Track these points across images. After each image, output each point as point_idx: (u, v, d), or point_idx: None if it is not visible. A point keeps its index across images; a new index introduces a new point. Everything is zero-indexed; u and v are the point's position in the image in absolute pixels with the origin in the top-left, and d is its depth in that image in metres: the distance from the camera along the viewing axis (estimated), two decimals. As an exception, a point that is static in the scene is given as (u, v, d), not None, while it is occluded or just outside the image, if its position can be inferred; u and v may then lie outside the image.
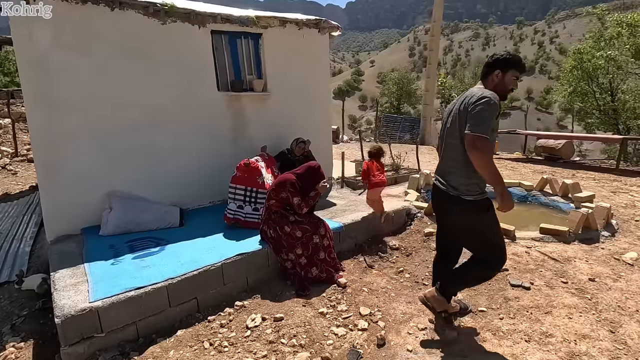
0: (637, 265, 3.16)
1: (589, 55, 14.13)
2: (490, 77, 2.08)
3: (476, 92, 1.96)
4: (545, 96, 75.13)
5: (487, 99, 1.89)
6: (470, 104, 1.93)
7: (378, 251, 3.72)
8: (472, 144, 1.88)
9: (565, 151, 10.14)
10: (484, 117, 1.89)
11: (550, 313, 2.53)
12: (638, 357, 2.07)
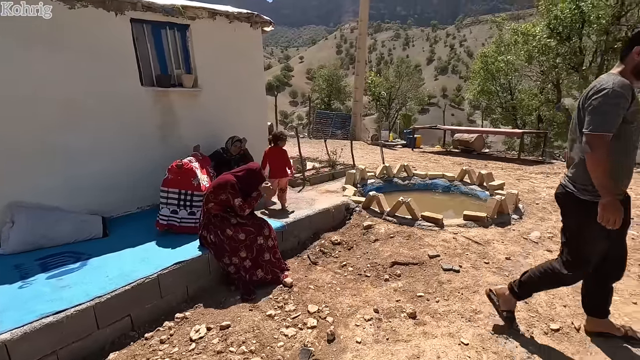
0: (540, 242, 3.69)
1: (492, 58, 15.99)
2: (629, 56, 1.81)
3: (600, 83, 1.79)
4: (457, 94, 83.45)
5: (606, 91, 1.71)
6: (588, 97, 1.80)
7: (321, 247, 3.77)
8: (586, 143, 1.76)
9: (477, 144, 11.36)
10: (603, 111, 1.72)
11: (477, 292, 2.82)
12: (548, 322, 2.41)
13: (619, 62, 1.89)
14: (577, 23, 11.46)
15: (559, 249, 2.15)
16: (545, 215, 4.48)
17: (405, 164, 6.45)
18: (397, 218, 4.23)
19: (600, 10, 10.96)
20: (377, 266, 3.33)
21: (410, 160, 9.14)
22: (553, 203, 5.03)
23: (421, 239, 3.74)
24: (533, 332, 2.33)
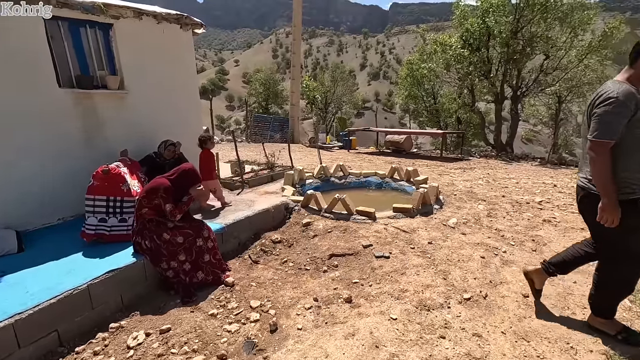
0: (456, 227, 4.19)
1: (416, 65, 17.35)
2: (638, 61, 1.89)
3: (606, 91, 1.89)
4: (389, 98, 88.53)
5: (611, 100, 1.83)
6: (595, 104, 1.91)
7: (262, 247, 3.85)
8: (590, 149, 1.91)
9: (407, 144, 12.27)
10: (606, 120, 1.85)
11: (404, 274, 3.14)
12: (462, 293, 2.80)
13: (627, 66, 1.96)
14: (484, 36, 12.99)
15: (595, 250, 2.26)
16: (461, 204, 5.07)
17: (342, 163, 6.78)
18: (334, 214, 4.47)
19: (501, 25, 12.57)
20: (316, 260, 3.51)
21: (346, 160, 9.57)
22: (468, 193, 5.72)
23: (356, 231, 4.01)
24: (450, 303, 2.69)
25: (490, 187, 6.27)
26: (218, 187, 4.60)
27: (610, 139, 1.86)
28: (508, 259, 3.40)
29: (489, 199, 5.37)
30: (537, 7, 12.08)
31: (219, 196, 4.55)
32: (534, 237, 3.92)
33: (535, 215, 4.66)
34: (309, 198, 4.66)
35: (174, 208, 2.96)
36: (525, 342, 2.25)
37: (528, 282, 2.67)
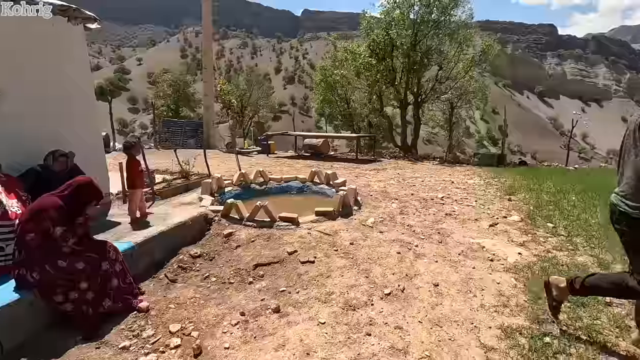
0: (374, 227, 4.46)
1: (330, 72, 18.08)
2: None
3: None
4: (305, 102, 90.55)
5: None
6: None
7: (179, 263, 3.57)
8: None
9: (324, 148, 12.66)
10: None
11: (330, 276, 3.22)
12: (383, 289, 2.98)
13: None
14: (389, 47, 14.18)
15: (629, 267, 2.06)
16: (377, 204, 5.43)
17: (261, 169, 6.68)
18: (257, 222, 4.38)
19: (402, 38, 13.89)
20: (240, 271, 3.38)
21: (266, 165, 9.48)
22: (382, 193, 6.14)
23: (280, 238, 3.99)
24: (373, 300, 2.84)
25: (400, 187, 6.83)
26: (136, 199, 4.23)
27: None
28: (420, 252, 3.73)
29: (400, 198, 5.85)
30: (430, 23, 13.61)
31: (131, 209, 4.17)
32: (439, 230, 4.39)
33: (439, 210, 5.22)
34: (230, 207, 4.49)
35: (66, 231, 2.55)
36: (439, 327, 2.49)
37: (546, 292, 2.43)
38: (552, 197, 5.78)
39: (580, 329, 2.38)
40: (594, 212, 4.88)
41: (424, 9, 13.61)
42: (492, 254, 3.69)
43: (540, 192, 6.26)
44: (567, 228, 4.35)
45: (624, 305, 2.67)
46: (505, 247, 3.86)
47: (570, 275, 2.37)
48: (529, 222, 4.65)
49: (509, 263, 3.46)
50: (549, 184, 6.88)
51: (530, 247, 3.84)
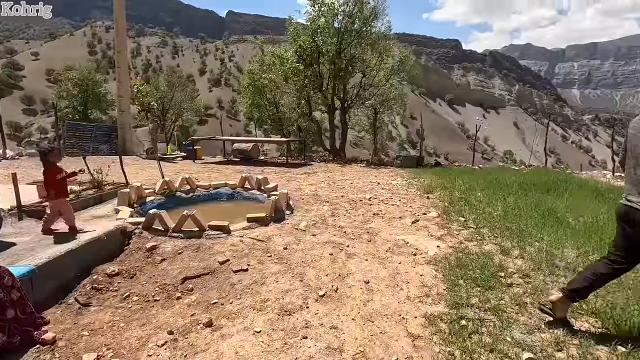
0: (307, 230, 4.52)
1: (257, 75, 17.87)
2: None
3: None
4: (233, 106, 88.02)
5: None
6: None
7: (93, 284, 3.19)
8: None
9: (254, 152, 12.45)
10: None
11: (264, 283, 3.18)
12: (317, 291, 3.03)
13: None
14: (315, 53, 14.53)
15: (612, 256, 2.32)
16: (309, 207, 5.51)
17: (188, 176, 6.32)
18: (184, 232, 4.13)
19: (328, 45, 14.35)
20: (167, 287, 3.15)
21: (193, 172, 8.99)
22: (314, 197, 6.25)
23: (210, 248, 3.81)
24: (308, 302, 2.87)
25: (331, 189, 7.03)
26: (66, 208, 3.83)
27: None
28: (351, 252, 3.88)
29: (331, 200, 6.02)
30: (353, 33, 14.30)
31: (67, 219, 3.79)
32: (368, 230, 4.62)
33: (367, 211, 5.49)
34: (153, 218, 4.16)
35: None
36: (371, 322, 2.62)
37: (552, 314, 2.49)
38: (462, 194, 6.49)
39: (488, 310, 2.71)
40: (495, 206, 5.59)
41: (347, 19, 14.24)
42: (415, 248, 4.00)
43: (453, 189, 6.97)
44: (475, 221, 4.92)
45: (522, 285, 3.11)
46: (426, 241, 4.22)
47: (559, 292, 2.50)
48: (444, 217, 5.15)
49: (429, 256, 3.78)
50: (460, 182, 7.70)
51: (446, 240, 4.25)
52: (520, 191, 6.53)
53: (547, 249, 3.81)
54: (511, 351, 2.24)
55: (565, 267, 3.40)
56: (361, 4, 13.87)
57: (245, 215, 4.69)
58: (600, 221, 4.65)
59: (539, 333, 2.43)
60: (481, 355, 2.21)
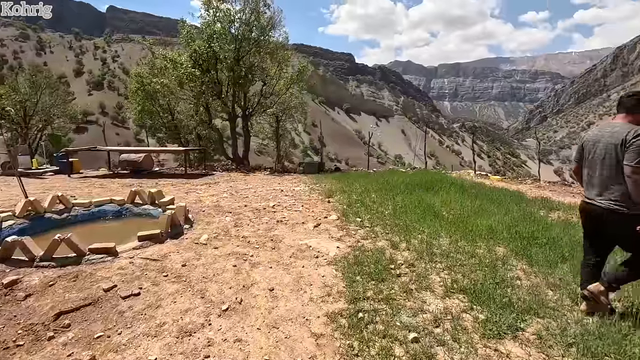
0: (209, 243, 4.32)
1: (147, 79, 16.38)
2: (638, 110, 2.54)
3: (635, 129, 2.40)
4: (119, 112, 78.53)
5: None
6: (630, 141, 2.38)
7: None
8: (632, 173, 2.35)
9: (147, 163, 11.36)
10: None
11: (160, 306, 2.92)
12: (220, 306, 2.92)
13: (625, 113, 2.58)
14: (212, 59, 14.03)
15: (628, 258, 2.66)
16: (211, 220, 5.28)
17: (60, 194, 5.42)
18: (58, 260, 3.53)
19: (225, 52, 14.01)
20: (34, 327, 2.65)
21: (68, 188, 7.74)
22: (216, 208, 6.01)
23: (92, 274, 3.35)
24: (210, 319, 2.75)
25: (234, 199, 6.86)
26: None
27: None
28: (255, 261, 3.85)
29: (234, 210, 5.87)
30: (252, 41, 14.27)
31: None
32: (272, 237, 4.65)
33: (271, 218, 5.52)
34: (11, 247, 3.46)
35: None
36: (276, 329, 2.64)
37: (594, 301, 2.68)
38: (359, 197, 7.03)
39: (381, 300, 3.00)
40: (386, 205, 6.21)
41: (245, 27, 14.16)
42: (318, 251, 4.19)
43: (351, 192, 7.50)
44: (370, 220, 5.38)
45: (408, 274, 3.53)
46: (327, 243, 4.45)
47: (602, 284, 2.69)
48: (343, 219, 5.51)
49: (330, 257, 4.00)
50: (357, 185, 8.33)
51: (345, 241, 4.55)
52: (406, 191, 7.38)
53: (427, 240, 4.40)
54: (400, 334, 2.52)
55: (440, 254, 3.97)
56: (258, 13, 13.95)
57: (136, 233, 4.25)
58: (465, 212, 5.57)
59: (422, 314, 2.80)
60: (375, 342, 2.43)
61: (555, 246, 4.09)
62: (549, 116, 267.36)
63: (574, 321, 2.66)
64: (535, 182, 10.97)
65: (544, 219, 5.44)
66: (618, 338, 2.40)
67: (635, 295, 2.99)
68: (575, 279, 3.27)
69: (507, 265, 3.65)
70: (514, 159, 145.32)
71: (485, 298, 2.97)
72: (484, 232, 4.61)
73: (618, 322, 2.57)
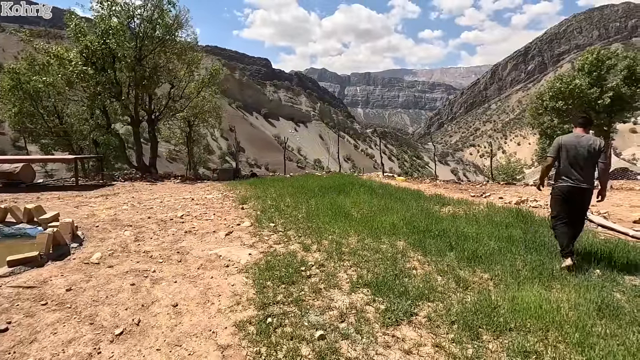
0: (101, 262, 3.86)
1: (26, 77, 14.01)
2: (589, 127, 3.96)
3: (597, 139, 3.75)
4: (-10, 114, 65.25)
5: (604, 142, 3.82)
6: (600, 147, 3.66)
7: None
8: (606, 166, 3.81)
9: (25, 175, 9.71)
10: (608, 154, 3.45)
11: (35, 340, 2.51)
12: (113, 330, 2.63)
13: (582, 128, 3.87)
14: (108, 57, 12.63)
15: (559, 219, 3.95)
16: (106, 235, 4.73)
17: None
18: None
19: (125, 50, 12.73)
20: None
21: None
22: (113, 222, 5.41)
23: (-61, 313, 2.72)
24: (100, 347, 2.45)
25: (136, 211, 6.25)
26: None
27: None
28: (157, 277, 3.57)
29: (135, 223, 5.35)
30: (155, 40, 13.26)
31: None
32: (178, 249, 4.36)
33: (179, 229, 5.18)
34: None
35: None
36: (178, 347, 2.48)
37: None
38: (273, 202, 7.02)
39: (291, 303, 3.03)
40: (300, 209, 6.32)
41: (147, 24, 13.09)
42: (228, 260, 4.05)
43: (266, 198, 7.46)
44: (283, 224, 5.42)
45: (318, 274, 3.63)
46: (238, 251, 4.34)
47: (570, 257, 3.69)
48: (257, 225, 5.44)
49: (241, 265, 3.91)
50: (272, 190, 8.31)
51: (257, 247, 4.50)
52: (320, 194, 7.62)
53: (337, 239, 4.60)
54: (307, 333, 2.58)
55: (349, 252, 4.19)
56: (161, 11, 13.03)
57: (5, 257, 3.58)
58: (373, 211, 5.98)
59: (329, 312, 2.91)
60: (283, 345, 2.45)
61: (445, 237, 4.64)
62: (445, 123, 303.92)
63: (457, 301, 3.04)
64: (433, 181, 12.31)
65: (437, 213, 6.14)
66: (488, 311, 2.82)
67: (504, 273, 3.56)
68: (460, 265, 3.76)
69: (405, 257, 4.02)
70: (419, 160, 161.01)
71: (386, 289, 3.22)
72: (387, 229, 5.00)
73: (488, 297, 3.03)
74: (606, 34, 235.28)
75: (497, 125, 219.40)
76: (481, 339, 2.53)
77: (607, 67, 16.62)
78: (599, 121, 16.71)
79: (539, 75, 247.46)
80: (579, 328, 2.58)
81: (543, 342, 2.48)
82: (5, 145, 57.92)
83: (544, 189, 6.24)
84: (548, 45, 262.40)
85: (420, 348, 2.47)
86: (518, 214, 5.84)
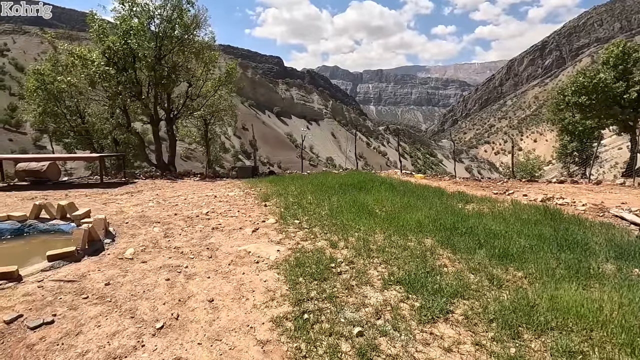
0: (135, 257, 3.95)
1: (50, 78, 14.38)
2: None
3: None
4: (12, 114, 67.49)
5: None
6: None
7: None
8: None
9: (52, 173, 9.99)
10: None
11: (81, 332, 2.58)
12: (154, 324, 2.68)
13: None
14: (129, 57, 12.85)
15: None
16: (136, 231, 4.83)
17: (-63, 213, 4.49)
18: (-63, 293, 2.91)
19: (145, 50, 12.93)
20: None
21: (-53, 206, 6.43)
22: (141, 219, 5.52)
23: (-12, 306, 2.82)
24: (143, 340, 2.51)
25: (162, 208, 6.37)
26: None
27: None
28: (191, 273, 3.62)
29: (163, 220, 5.45)
30: (174, 39, 13.43)
31: None
32: (208, 246, 4.42)
33: (205, 226, 5.25)
34: None
35: None
36: (219, 341, 2.52)
37: None
38: (295, 199, 7.05)
39: (325, 299, 3.04)
40: (323, 206, 6.33)
41: (166, 24, 13.26)
42: (258, 256, 4.09)
43: (287, 195, 7.49)
44: (308, 221, 5.43)
45: (348, 271, 3.63)
46: (267, 247, 4.37)
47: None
48: (282, 222, 5.47)
49: (271, 261, 3.94)
50: (292, 188, 8.34)
51: (285, 243, 4.52)
52: (340, 191, 7.61)
53: (364, 237, 4.58)
54: (345, 330, 2.58)
55: (377, 249, 4.17)
56: (180, 11, 13.18)
57: (44, 253, 3.70)
58: (396, 209, 5.94)
59: (364, 308, 2.90)
60: (323, 341, 2.46)
61: (473, 234, 4.57)
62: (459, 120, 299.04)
63: (493, 299, 2.99)
64: (452, 179, 12.15)
65: (462, 210, 6.05)
66: (527, 310, 2.77)
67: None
68: (491, 263, 3.70)
69: (435, 255, 3.98)
70: (432, 158, 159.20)
71: (419, 286, 3.19)
72: (413, 226, 4.96)
73: (525, 296, 2.97)
74: (628, 26, 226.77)
75: (513, 122, 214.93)
76: (522, 338, 2.49)
77: (633, 60, 16.05)
78: (624, 116, 16.16)
79: (556, 70, 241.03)
80: (625, 329, 2.51)
81: (588, 342, 2.42)
82: (27, 145, 59.78)
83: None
84: (567, 39, 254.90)
85: (460, 346, 2.45)
86: (546, 212, 5.71)
